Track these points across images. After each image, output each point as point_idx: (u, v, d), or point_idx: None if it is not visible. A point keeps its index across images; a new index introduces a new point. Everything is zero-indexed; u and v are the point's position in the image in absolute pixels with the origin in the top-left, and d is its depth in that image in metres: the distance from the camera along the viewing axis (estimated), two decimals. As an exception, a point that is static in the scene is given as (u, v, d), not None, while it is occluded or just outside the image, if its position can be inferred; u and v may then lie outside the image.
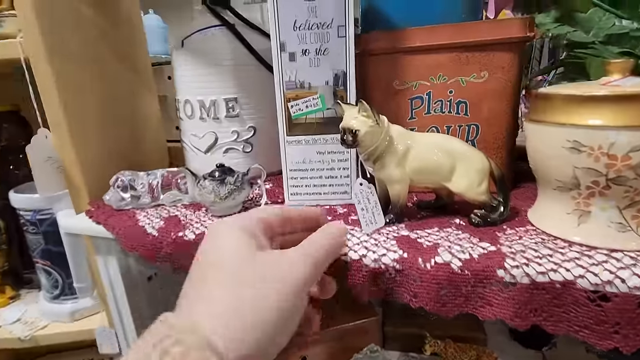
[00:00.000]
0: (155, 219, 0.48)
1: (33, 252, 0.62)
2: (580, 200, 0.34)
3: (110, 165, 0.58)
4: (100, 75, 0.61)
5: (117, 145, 0.64)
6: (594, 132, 0.30)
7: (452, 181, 0.40)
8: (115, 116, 0.64)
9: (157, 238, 0.45)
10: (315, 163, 0.48)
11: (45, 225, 0.60)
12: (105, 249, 0.53)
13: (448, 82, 0.47)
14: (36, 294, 0.73)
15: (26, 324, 0.64)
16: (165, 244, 0.45)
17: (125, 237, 0.47)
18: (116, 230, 0.47)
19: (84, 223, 0.50)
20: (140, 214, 0.50)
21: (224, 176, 0.46)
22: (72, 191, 0.55)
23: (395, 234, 0.40)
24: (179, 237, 0.44)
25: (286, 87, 0.45)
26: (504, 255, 0.34)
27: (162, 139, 0.85)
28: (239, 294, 0.23)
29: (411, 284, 0.36)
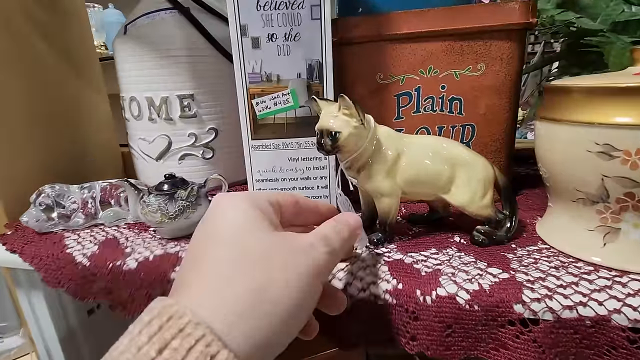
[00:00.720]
0: (87, 244, 0.39)
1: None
2: (608, 216, 0.28)
3: (43, 178, 0.47)
4: (31, 74, 0.50)
5: (54, 154, 0.53)
6: (632, 133, 0.24)
7: (451, 193, 0.33)
8: (51, 120, 0.54)
9: (89, 268, 0.36)
10: (287, 172, 0.40)
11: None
12: (27, 282, 0.43)
13: (440, 75, 0.40)
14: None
15: None
16: (100, 275, 0.35)
17: (48, 269, 0.37)
18: (36, 260, 0.37)
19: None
20: (70, 237, 0.41)
21: (174, 189, 0.37)
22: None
23: (387, 257, 0.33)
24: (116, 266, 0.35)
25: (249, 80, 0.37)
26: (521, 285, 0.28)
27: (114, 144, 0.75)
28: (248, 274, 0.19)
29: (408, 322, 0.29)
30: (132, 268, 0.35)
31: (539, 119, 0.31)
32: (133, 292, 0.35)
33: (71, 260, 0.37)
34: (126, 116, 0.51)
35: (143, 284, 0.34)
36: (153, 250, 0.37)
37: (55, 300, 0.45)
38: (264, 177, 0.40)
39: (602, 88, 0.26)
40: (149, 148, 0.50)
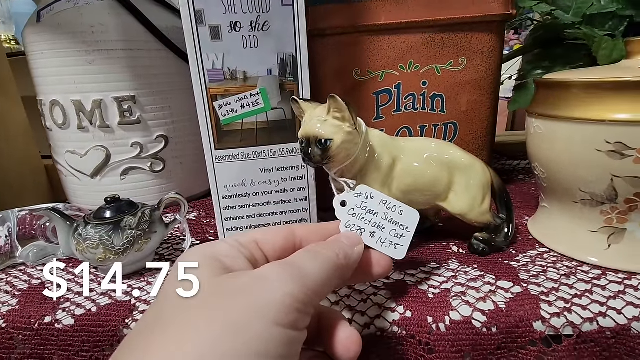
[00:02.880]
0: (4, 295, 0.30)
1: None
2: (614, 216, 0.27)
3: None
4: None
5: None
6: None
7: (448, 200, 0.30)
8: None
9: (6, 331, 0.27)
10: (260, 185, 0.34)
11: None
12: None
13: (421, 70, 0.37)
14: None
15: None
16: (23, 339, 0.27)
17: (-57, 336, 0.27)
18: None
19: None
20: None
21: (120, 216, 0.30)
22: None
23: (386, 279, 0.29)
24: (45, 325, 0.27)
25: (209, 78, 0.30)
26: (537, 300, 0.25)
27: (33, 154, 0.62)
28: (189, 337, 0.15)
29: (422, 356, 0.25)
30: (69, 325, 0.27)
31: (535, 115, 0.29)
32: (71, 356, 0.27)
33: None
34: (47, 124, 0.42)
35: (84, 346, 0.27)
36: (96, 299, 0.29)
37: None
38: (232, 193, 0.34)
39: (610, 82, 0.24)
40: (81, 163, 0.41)
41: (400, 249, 0.25)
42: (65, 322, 0.27)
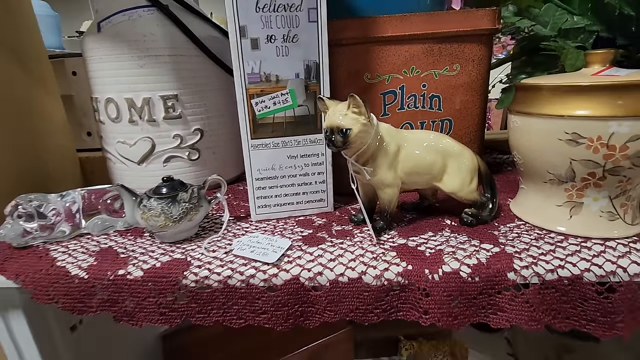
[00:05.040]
0: (81, 255, 0.37)
1: None
2: (574, 192, 0.33)
3: (10, 182, 0.43)
4: None
5: (10, 161, 0.48)
6: (594, 123, 0.30)
7: (443, 181, 0.37)
8: (4, 123, 0.48)
9: (88, 281, 0.34)
10: (286, 169, 0.41)
11: None
12: (1, 302, 0.39)
13: (421, 75, 0.44)
14: None
15: None
16: (101, 287, 0.34)
17: (37, 285, 0.34)
18: (22, 276, 0.35)
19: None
20: (57, 249, 0.38)
21: (175, 192, 0.37)
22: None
23: (391, 243, 0.36)
24: (119, 276, 0.34)
25: (249, 80, 0.37)
26: (511, 256, 0.32)
27: (70, 148, 0.69)
28: None
29: (420, 299, 0.32)
30: (138, 277, 0.34)
31: (514, 112, 0.36)
32: (141, 301, 0.34)
33: (64, 274, 0.35)
34: (101, 118, 0.49)
35: (151, 293, 0.34)
36: (157, 257, 0.36)
37: (37, 319, 0.41)
38: (263, 176, 0.41)
39: (568, 86, 0.31)
40: (130, 152, 0.48)
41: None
42: (135, 274, 0.34)
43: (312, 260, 0.34)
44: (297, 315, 0.34)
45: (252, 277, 0.33)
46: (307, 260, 0.34)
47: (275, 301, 0.33)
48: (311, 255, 0.35)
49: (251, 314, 0.34)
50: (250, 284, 0.33)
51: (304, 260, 0.34)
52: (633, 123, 0.28)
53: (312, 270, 0.33)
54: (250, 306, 0.34)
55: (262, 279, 0.33)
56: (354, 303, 0.33)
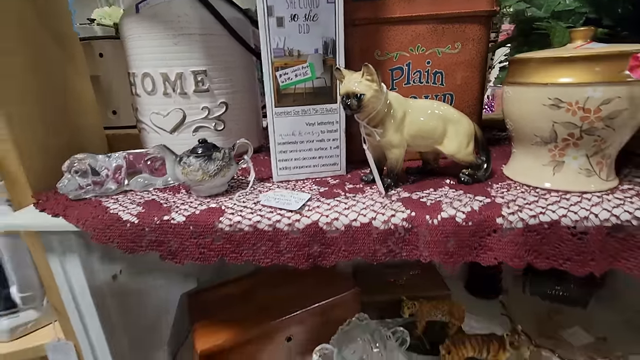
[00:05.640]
0: (129, 205, 0.43)
1: (-50, 263, 0.50)
2: (556, 152, 0.39)
3: (50, 156, 0.49)
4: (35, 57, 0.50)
5: (54, 133, 0.54)
6: (572, 89, 0.35)
7: (443, 144, 0.42)
8: (48, 98, 0.54)
9: (138, 225, 0.40)
10: (305, 135, 0.46)
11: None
12: (60, 247, 0.46)
13: (426, 52, 0.49)
14: (-49, 317, 0.59)
15: (-53, 352, 0.52)
16: (149, 230, 0.40)
17: (96, 228, 0.40)
18: (82, 221, 0.41)
19: (33, 218, 0.42)
20: (107, 201, 0.44)
21: (210, 152, 0.42)
22: (9, 183, 0.46)
23: (397, 196, 0.41)
24: (165, 220, 0.40)
25: (274, 54, 0.43)
26: (500, 206, 0.38)
27: (99, 126, 0.75)
28: None
29: (421, 240, 0.37)
30: (181, 222, 0.40)
31: (507, 84, 0.41)
32: (183, 242, 0.40)
33: (117, 219, 0.41)
34: (137, 92, 0.54)
35: (193, 235, 0.40)
36: (196, 206, 0.42)
37: (87, 265, 0.47)
38: (285, 141, 0.46)
39: (552, 58, 0.36)
40: (163, 122, 0.54)
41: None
42: (178, 219, 0.40)
43: (329, 209, 0.40)
44: (316, 255, 0.39)
45: (278, 222, 0.39)
46: (325, 209, 0.40)
47: (297, 243, 0.39)
48: (328, 205, 0.40)
49: (276, 254, 0.40)
50: (276, 227, 0.39)
51: (322, 209, 0.40)
52: (605, 88, 0.33)
53: (329, 216, 0.38)
54: (276, 247, 0.39)
55: (286, 223, 0.38)
56: (365, 244, 0.38)
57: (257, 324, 0.60)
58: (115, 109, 0.87)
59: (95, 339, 0.51)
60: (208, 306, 0.66)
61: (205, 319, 0.62)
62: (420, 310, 0.66)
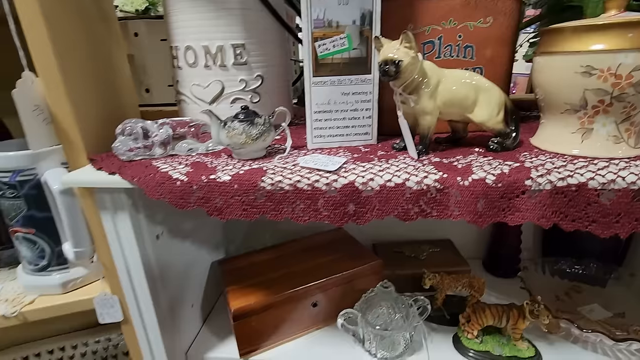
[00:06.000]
0: (178, 166, 0.46)
1: (11, 220, 0.55)
2: (585, 120, 0.40)
3: (100, 125, 0.53)
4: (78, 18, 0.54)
5: (103, 105, 0.58)
6: (605, 56, 0.36)
7: (474, 112, 0.44)
8: (98, 73, 0.57)
9: (187, 183, 0.43)
10: (340, 104, 0.49)
11: (28, 187, 0.53)
12: (112, 206, 0.50)
13: (458, 26, 0.50)
14: (6, 273, 0.65)
15: (7, 301, 0.57)
16: (198, 187, 0.43)
17: (148, 185, 0.44)
18: (136, 178, 0.44)
19: (91, 176, 0.46)
20: (157, 162, 0.48)
21: (252, 118, 0.45)
22: (67, 146, 0.50)
23: (429, 160, 0.44)
24: (211, 179, 0.43)
25: (314, 25, 0.45)
26: (529, 169, 0.40)
27: (135, 103, 0.78)
28: None
29: (451, 200, 0.40)
30: (226, 180, 0.43)
31: (539, 54, 0.42)
32: (228, 199, 0.43)
33: (168, 177, 0.44)
34: (179, 64, 0.57)
35: (237, 193, 0.43)
36: (239, 167, 0.45)
37: (135, 222, 0.51)
38: (320, 109, 0.49)
39: (585, 26, 0.37)
40: (203, 93, 0.57)
41: None
42: (224, 178, 0.43)
43: (364, 170, 0.42)
44: (351, 214, 0.42)
45: (317, 182, 0.41)
46: (360, 170, 0.42)
47: (334, 202, 0.42)
48: (363, 168, 0.43)
49: (314, 212, 0.43)
50: (314, 187, 0.41)
51: (357, 171, 0.42)
52: (637, 55, 0.35)
53: (365, 177, 0.41)
54: (314, 205, 0.42)
55: (324, 183, 0.41)
56: (398, 204, 0.41)
57: (284, 289, 0.64)
58: (148, 87, 0.91)
59: (140, 293, 0.55)
60: (239, 272, 0.70)
61: (237, 283, 0.66)
62: (441, 281, 0.69)
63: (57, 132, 0.49)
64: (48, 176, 0.51)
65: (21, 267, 0.61)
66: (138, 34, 0.85)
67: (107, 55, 0.62)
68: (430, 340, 0.65)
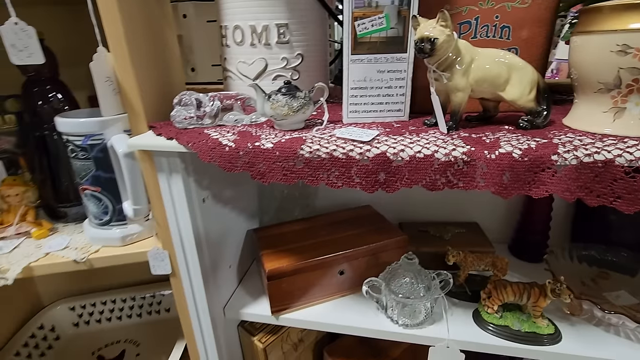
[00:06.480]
0: (226, 134, 0.51)
1: (82, 179, 0.63)
2: (619, 99, 0.41)
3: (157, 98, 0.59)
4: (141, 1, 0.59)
5: (157, 79, 0.63)
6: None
7: (506, 90, 0.46)
8: (156, 50, 0.63)
9: (235, 148, 0.49)
10: (375, 81, 0.52)
11: (96, 150, 0.60)
12: (168, 168, 0.56)
13: (495, 7, 0.52)
14: (73, 227, 0.74)
15: (77, 249, 0.66)
16: (244, 153, 0.48)
17: (201, 149, 0.50)
18: (191, 144, 0.50)
19: (152, 140, 0.53)
20: (208, 131, 0.53)
21: (294, 91, 0.50)
22: (131, 114, 0.56)
23: (458, 135, 0.46)
24: (256, 146, 0.48)
25: (355, 5, 0.48)
26: (557, 145, 0.41)
27: (183, 82, 0.84)
28: None
29: (478, 172, 0.42)
30: (269, 147, 0.48)
31: (576, 34, 0.43)
32: (270, 165, 0.48)
33: (218, 143, 0.49)
34: (227, 43, 0.62)
35: (278, 159, 0.48)
36: (281, 136, 0.49)
37: (187, 186, 0.58)
38: (357, 86, 0.52)
39: (624, 5, 0.38)
40: (248, 70, 0.62)
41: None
42: (267, 145, 0.48)
43: (396, 142, 0.45)
44: (382, 182, 0.46)
45: (351, 151, 0.45)
46: (392, 142, 0.45)
47: (366, 170, 0.45)
48: (395, 140, 0.46)
49: (347, 179, 0.46)
50: (349, 155, 0.45)
51: (389, 142, 0.45)
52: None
53: (396, 148, 0.44)
54: (347, 173, 0.46)
55: (358, 152, 0.45)
56: (426, 174, 0.44)
57: (313, 256, 0.69)
58: (193, 66, 0.97)
59: (188, 250, 0.62)
60: (272, 239, 0.76)
61: (271, 248, 0.72)
62: (464, 259, 0.71)
63: (123, 101, 0.56)
64: (114, 141, 0.58)
65: (87, 222, 0.69)
66: (187, 16, 0.91)
67: (161, 35, 0.68)
68: (450, 313, 0.68)
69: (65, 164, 0.72)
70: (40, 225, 0.72)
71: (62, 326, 0.98)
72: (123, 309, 1.03)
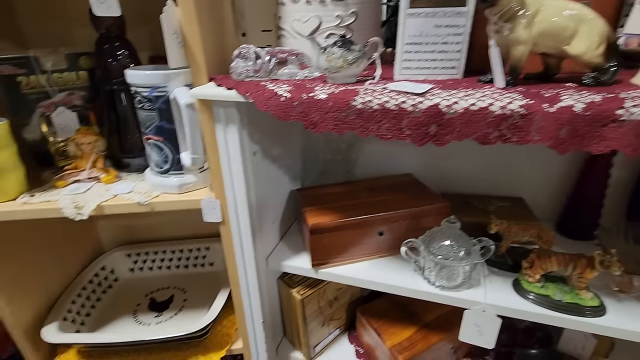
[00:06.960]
0: (282, 85, 0.54)
1: (146, 129, 0.69)
2: (700, 51, 0.38)
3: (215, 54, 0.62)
4: None
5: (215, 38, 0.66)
6: None
7: (571, 45, 0.44)
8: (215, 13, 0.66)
9: (290, 98, 0.51)
10: (431, 37, 0.52)
11: (160, 102, 0.66)
12: (225, 118, 0.60)
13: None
14: (135, 176, 0.81)
15: (140, 193, 0.73)
16: (299, 103, 0.51)
17: (258, 98, 0.53)
18: (249, 93, 0.53)
19: (213, 90, 0.56)
20: (264, 83, 0.56)
21: (349, 45, 0.51)
22: (194, 66, 0.60)
23: (514, 90, 0.45)
24: (310, 97, 0.50)
25: (417, -44, 0.48)
26: (623, 100, 0.40)
27: (235, 43, 0.87)
28: None
29: (533, 126, 0.42)
30: (323, 98, 0.50)
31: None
32: (323, 115, 0.50)
33: (274, 94, 0.52)
34: (283, 1, 0.64)
35: (331, 109, 0.49)
36: (334, 88, 0.51)
37: (241, 137, 0.61)
38: (412, 41, 0.52)
39: None
40: (303, 27, 0.63)
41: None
42: (321, 96, 0.50)
43: (450, 95, 0.45)
44: (432, 134, 0.46)
45: (403, 103, 0.46)
46: (446, 95, 0.46)
47: (417, 122, 0.46)
48: (449, 93, 0.46)
49: (397, 131, 0.48)
50: (401, 107, 0.46)
51: (443, 95, 0.46)
52: None
53: (450, 100, 0.44)
54: (398, 125, 0.47)
55: (410, 104, 0.46)
56: (479, 127, 0.44)
57: (354, 215, 0.71)
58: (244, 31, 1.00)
59: (239, 200, 0.66)
60: (315, 198, 0.79)
61: (313, 206, 0.75)
62: (508, 229, 0.70)
63: (187, 54, 0.60)
64: (177, 92, 0.63)
65: (149, 170, 0.76)
66: (240, -19, 0.93)
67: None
68: (489, 280, 0.68)
69: (130, 118, 0.79)
70: (108, 172, 0.80)
71: (120, 270, 1.09)
72: (172, 259, 1.12)
